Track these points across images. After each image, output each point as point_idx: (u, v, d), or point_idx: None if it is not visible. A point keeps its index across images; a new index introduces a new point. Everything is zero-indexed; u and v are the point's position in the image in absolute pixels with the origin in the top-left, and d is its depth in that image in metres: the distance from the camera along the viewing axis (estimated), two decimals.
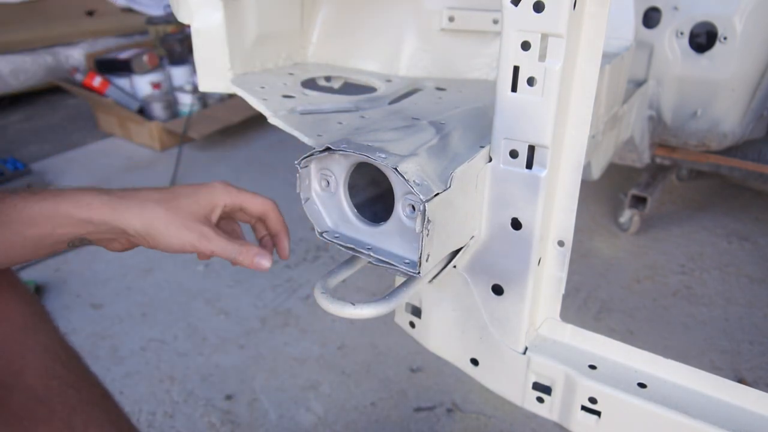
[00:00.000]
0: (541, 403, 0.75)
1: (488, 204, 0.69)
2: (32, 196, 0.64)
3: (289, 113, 0.84)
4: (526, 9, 0.57)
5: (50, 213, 0.64)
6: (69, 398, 0.75)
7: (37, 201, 0.64)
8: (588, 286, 1.82)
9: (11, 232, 0.63)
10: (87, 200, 0.65)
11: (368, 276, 1.85)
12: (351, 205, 0.68)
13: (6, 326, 0.74)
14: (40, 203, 0.64)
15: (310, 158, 0.67)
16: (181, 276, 1.89)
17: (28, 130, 3.21)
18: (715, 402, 0.66)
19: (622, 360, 0.72)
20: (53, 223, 0.64)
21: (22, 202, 0.64)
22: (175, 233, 0.67)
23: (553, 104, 0.60)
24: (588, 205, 2.26)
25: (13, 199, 0.64)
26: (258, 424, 1.35)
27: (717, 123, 1.66)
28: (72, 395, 0.75)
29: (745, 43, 1.50)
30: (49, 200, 0.64)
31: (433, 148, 0.65)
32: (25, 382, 0.72)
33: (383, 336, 1.60)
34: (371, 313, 0.62)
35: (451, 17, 1.05)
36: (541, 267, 0.72)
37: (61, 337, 0.81)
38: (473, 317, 0.76)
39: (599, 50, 0.62)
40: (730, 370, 1.50)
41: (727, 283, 1.83)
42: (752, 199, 2.29)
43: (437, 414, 1.37)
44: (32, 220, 0.64)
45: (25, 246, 0.65)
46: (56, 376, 0.75)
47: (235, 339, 1.61)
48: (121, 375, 1.48)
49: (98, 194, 0.66)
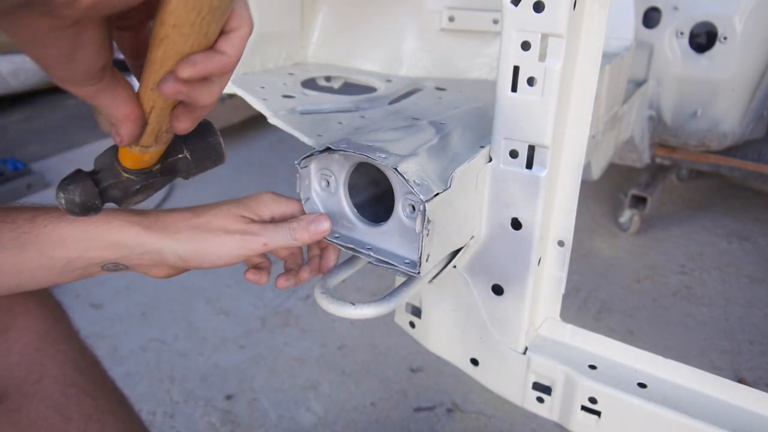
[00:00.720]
0: (541, 403, 0.75)
1: (488, 204, 0.69)
2: (64, 217, 0.62)
3: (289, 113, 0.84)
4: (526, 9, 0.57)
5: (80, 235, 0.62)
6: (85, 407, 0.74)
7: (68, 222, 0.62)
8: (588, 286, 1.82)
9: (38, 253, 0.62)
10: (119, 222, 0.63)
11: (368, 276, 1.85)
12: (351, 205, 0.68)
13: (27, 335, 0.74)
14: (71, 225, 0.62)
15: (310, 158, 0.67)
16: (181, 275, 1.89)
17: (28, 130, 3.21)
18: (715, 402, 0.66)
19: (622, 360, 0.72)
20: (83, 246, 0.63)
21: (52, 223, 0.62)
22: (218, 245, 0.63)
23: (553, 104, 0.60)
24: (588, 205, 2.26)
25: (43, 219, 0.62)
26: (258, 424, 1.35)
27: (717, 123, 1.66)
28: (89, 403, 0.75)
29: (745, 43, 1.50)
30: (80, 221, 0.62)
31: (433, 148, 0.65)
32: (44, 391, 0.72)
33: (383, 336, 1.60)
34: (371, 313, 0.62)
35: (451, 17, 1.05)
36: (541, 267, 0.72)
37: (81, 344, 0.80)
38: (473, 317, 0.76)
39: (599, 50, 0.62)
40: (730, 370, 1.50)
41: (727, 283, 1.83)
42: (752, 199, 2.29)
43: (437, 414, 1.37)
44: (61, 241, 0.62)
45: (53, 268, 0.63)
46: (74, 384, 0.75)
47: (235, 339, 1.61)
48: (121, 375, 1.48)
49: (132, 215, 0.64)
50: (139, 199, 0.62)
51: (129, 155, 0.56)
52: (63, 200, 0.58)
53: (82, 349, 0.80)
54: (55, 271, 0.64)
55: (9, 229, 0.61)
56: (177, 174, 0.63)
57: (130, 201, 0.61)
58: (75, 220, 0.63)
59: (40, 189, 2.47)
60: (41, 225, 0.62)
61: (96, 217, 0.63)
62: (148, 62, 0.45)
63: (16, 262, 0.62)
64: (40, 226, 0.62)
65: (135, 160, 0.57)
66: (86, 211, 0.59)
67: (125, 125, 0.49)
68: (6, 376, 0.71)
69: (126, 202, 0.61)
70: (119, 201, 0.61)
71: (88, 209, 0.58)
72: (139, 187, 0.60)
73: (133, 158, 0.57)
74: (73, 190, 0.57)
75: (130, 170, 0.58)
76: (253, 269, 0.72)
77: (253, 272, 0.71)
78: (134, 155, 0.56)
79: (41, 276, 0.64)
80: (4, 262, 0.62)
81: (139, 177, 0.59)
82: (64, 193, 0.57)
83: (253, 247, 0.65)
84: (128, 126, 0.49)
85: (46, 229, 0.62)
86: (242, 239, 0.64)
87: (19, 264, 0.62)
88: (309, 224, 0.65)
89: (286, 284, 0.71)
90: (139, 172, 0.59)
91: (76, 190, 0.57)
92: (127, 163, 0.58)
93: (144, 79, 0.47)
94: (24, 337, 0.73)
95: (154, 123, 0.51)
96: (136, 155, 0.56)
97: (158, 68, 0.44)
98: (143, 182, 0.60)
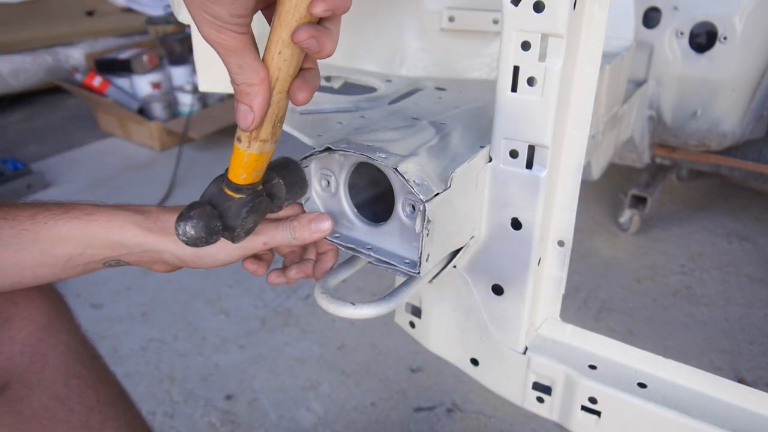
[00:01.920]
0: (541, 403, 0.75)
1: (488, 204, 0.69)
2: (64, 214, 0.63)
3: (289, 113, 0.84)
4: (526, 9, 0.57)
5: (80, 233, 0.62)
6: (87, 398, 0.75)
7: (67, 220, 0.62)
8: (588, 286, 1.82)
9: (39, 250, 0.62)
10: (119, 222, 0.63)
11: (368, 276, 1.85)
12: (351, 205, 0.68)
13: (30, 325, 0.74)
14: (71, 222, 0.62)
15: (311, 158, 0.67)
16: (182, 276, 1.89)
17: (28, 130, 3.21)
18: (715, 402, 0.66)
19: (622, 360, 0.72)
20: (84, 244, 0.63)
21: (53, 220, 0.62)
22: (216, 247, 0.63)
23: (553, 104, 0.60)
24: (588, 205, 2.26)
25: (44, 216, 0.62)
26: (258, 424, 1.35)
27: (717, 123, 1.66)
28: (90, 395, 0.75)
29: (745, 43, 1.50)
30: (81, 219, 0.62)
31: (433, 148, 0.65)
32: (46, 381, 0.72)
33: (383, 336, 1.60)
34: (371, 313, 0.62)
35: (451, 17, 1.05)
36: (541, 267, 0.72)
37: (83, 336, 0.81)
38: (473, 317, 0.76)
39: (599, 50, 0.62)
40: (730, 370, 1.50)
41: (727, 283, 1.83)
42: (752, 199, 2.29)
43: (437, 414, 1.37)
44: (62, 238, 0.62)
45: (54, 265, 0.64)
46: (76, 375, 0.75)
47: (235, 339, 1.61)
48: (121, 375, 1.47)
49: (132, 215, 0.64)
50: (249, 224, 0.59)
51: (244, 163, 0.55)
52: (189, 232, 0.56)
53: (84, 342, 0.80)
54: (56, 268, 0.64)
55: (9, 226, 0.62)
56: (274, 199, 0.62)
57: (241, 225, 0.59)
58: (75, 218, 0.62)
59: (40, 189, 2.47)
60: (41, 222, 0.62)
61: (97, 215, 0.63)
62: (276, 21, 0.48)
63: (17, 259, 0.62)
64: (40, 224, 0.62)
65: (249, 168, 0.56)
66: (210, 236, 0.57)
67: (260, 94, 0.50)
68: (9, 366, 0.71)
69: (238, 228, 0.58)
70: (233, 227, 0.58)
71: (211, 236, 0.57)
72: (251, 206, 0.58)
73: (248, 165, 0.56)
74: (196, 222, 0.56)
75: (240, 187, 0.57)
76: (254, 258, 0.71)
77: (252, 261, 0.70)
78: (250, 160, 0.55)
79: (42, 273, 0.65)
80: (5, 259, 0.62)
81: (248, 195, 0.58)
82: (190, 225, 0.56)
83: (252, 246, 0.65)
84: (262, 95, 0.50)
85: (47, 226, 0.62)
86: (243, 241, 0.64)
87: (20, 261, 0.63)
88: (310, 223, 0.65)
89: (278, 280, 0.70)
90: (248, 188, 0.58)
91: (199, 222, 0.56)
92: (239, 176, 0.56)
93: (270, 45, 0.50)
94: (26, 327, 0.74)
95: (275, 105, 0.52)
96: (253, 159, 0.55)
97: (289, 21, 0.47)
98: (253, 200, 0.58)
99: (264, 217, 0.62)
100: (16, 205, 0.64)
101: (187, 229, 0.56)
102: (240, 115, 0.51)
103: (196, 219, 0.56)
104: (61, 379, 0.74)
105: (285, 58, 0.50)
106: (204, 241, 0.57)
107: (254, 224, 0.61)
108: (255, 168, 0.56)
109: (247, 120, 0.51)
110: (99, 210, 0.64)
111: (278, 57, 0.50)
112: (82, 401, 0.74)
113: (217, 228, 0.57)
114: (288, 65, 0.51)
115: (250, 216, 0.59)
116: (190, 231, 0.56)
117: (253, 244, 0.64)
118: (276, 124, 0.54)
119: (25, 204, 0.64)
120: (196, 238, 0.56)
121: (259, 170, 0.57)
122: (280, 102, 0.53)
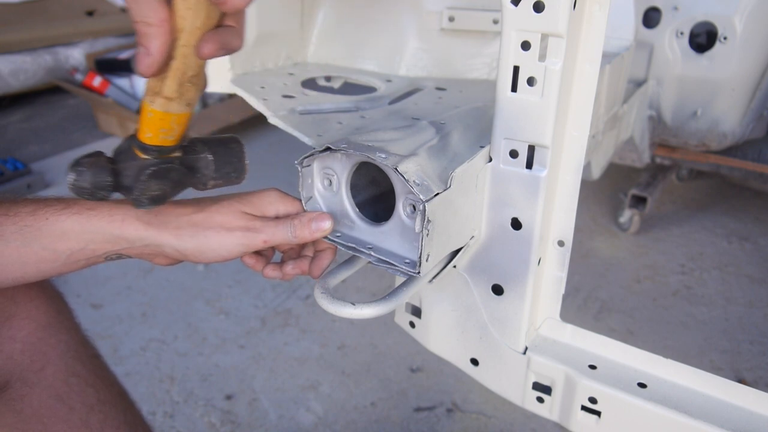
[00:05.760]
0: (541, 403, 0.75)
1: (488, 204, 0.69)
2: (65, 210, 0.63)
3: (289, 113, 0.84)
4: (526, 9, 0.57)
5: (82, 228, 0.63)
6: (87, 397, 0.75)
7: (69, 215, 0.62)
8: (588, 286, 1.82)
9: (41, 245, 0.62)
10: (120, 216, 0.63)
11: (368, 276, 1.85)
12: (353, 205, 0.68)
13: (30, 324, 0.74)
14: (72, 217, 0.62)
15: (312, 157, 0.67)
16: (182, 276, 1.89)
17: (28, 130, 3.21)
18: (715, 402, 0.66)
19: (622, 360, 0.72)
20: (85, 238, 0.63)
21: (54, 216, 0.62)
22: (217, 243, 0.63)
23: (553, 104, 0.60)
24: (588, 205, 2.26)
25: (45, 212, 0.62)
26: (258, 424, 1.35)
27: (717, 123, 1.66)
28: (90, 394, 0.76)
29: (745, 43, 1.50)
30: (82, 214, 0.63)
31: (433, 148, 0.65)
32: (47, 380, 0.73)
33: (383, 336, 1.60)
34: (371, 313, 0.62)
35: (451, 17, 1.05)
36: (541, 267, 0.72)
37: (82, 335, 0.81)
38: (473, 317, 0.76)
39: (599, 50, 0.62)
40: (730, 370, 1.50)
41: (727, 283, 1.83)
42: (752, 199, 2.29)
43: (437, 414, 1.37)
44: (63, 234, 0.62)
45: (57, 260, 0.64)
46: (76, 375, 0.75)
47: (235, 339, 1.61)
48: (121, 375, 1.47)
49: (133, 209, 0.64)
50: (153, 189, 0.57)
51: (147, 119, 0.53)
52: (73, 180, 0.54)
53: (84, 341, 0.80)
54: (58, 263, 0.64)
55: (11, 222, 0.62)
56: (196, 174, 0.60)
57: (140, 188, 0.57)
58: (76, 213, 0.63)
59: (40, 189, 2.47)
60: (43, 218, 0.62)
61: (98, 210, 0.63)
62: None
63: (20, 254, 0.63)
64: (41, 219, 0.62)
65: (153, 126, 0.53)
66: (95, 193, 0.55)
67: (158, 37, 0.47)
68: (9, 364, 0.71)
69: (136, 190, 0.57)
70: (130, 187, 0.56)
71: (98, 190, 0.55)
72: (154, 170, 0.56)
73: (152, 123, 0.53)
74: (84, 170, 0.54)
75: (148, 147, 0.55)
76: (253, 253, 0.71)
77: (251, 256, 0.70)
78: (154, 118, 0.52)
79: (45, 268, 0.65)
80: (7, 255, 0.62)
81: (156, 158, 0.56)
82: (76, 173, 0.54)
83: (253, 244, 0.65)
84: (160, 38, 0.47)
85: (48, 221, 0.62)
86: (243, 236, 0.64)
87: (23, 256, 0.63)
88: (310, 222, 0.66)
89: (273, 274, 0.70)
90: (156, 149, 0.55)
91: (88, 171, 0.54)
92: (144, 133, 0.54)
93: None
94: (27, 326, 0.74)
95: (181, 59, 0.49)
96: (157, 117, 0.52)
97: None
98: (159, 165, 0.56)
99: (179, 189, 0.60)
100: (17, 201, 0.64)
101: (73, 177, 0.54)
102: (137, 58, 0.48)
103: (84, 167, 0.54)
104: (62, 377, 0.74)
105: (189, 6, 0.47)
106: (88, 193, 0.55)
107: (161, 192, 0.58)
108: (160, 128, 0.53)
109: (143, 63, 0.49)
110: (100, 205, 0.64)
111: (182, 4, 0.47)
112: (83, 400, 0.74)
113: (105, 183, 0.55)
114: (194, 15, 0.47)
115: (153, 181, 0.56)
116: (76, 179, 0.54)
117: (253, 241, 0.65)
118: (185, 84, 0.51)
119: (26, 200, 0.64)
120: (80, 188, 0.55)
121: (168, 132, 0.54)
122: (187, 57, 0.49)
